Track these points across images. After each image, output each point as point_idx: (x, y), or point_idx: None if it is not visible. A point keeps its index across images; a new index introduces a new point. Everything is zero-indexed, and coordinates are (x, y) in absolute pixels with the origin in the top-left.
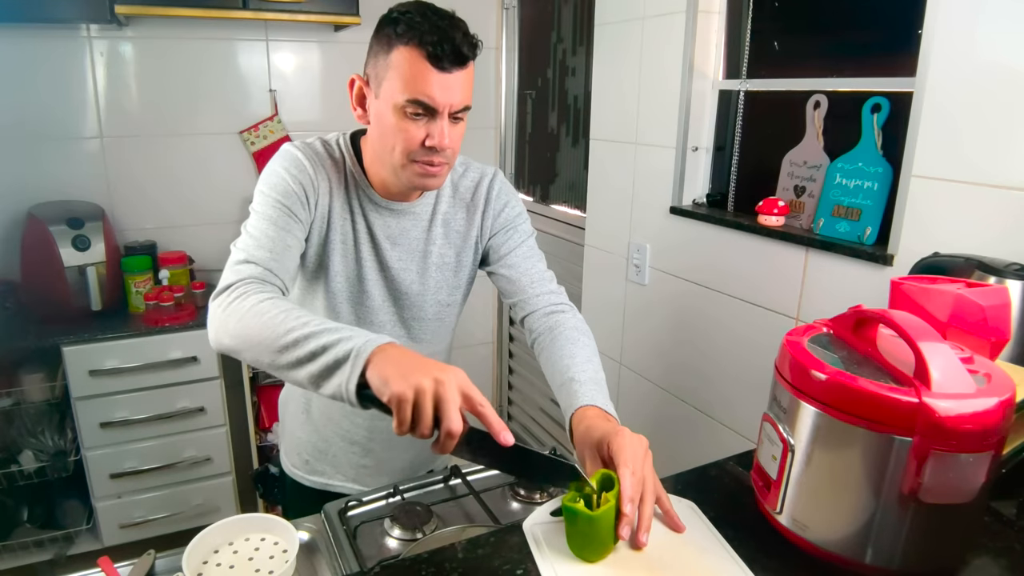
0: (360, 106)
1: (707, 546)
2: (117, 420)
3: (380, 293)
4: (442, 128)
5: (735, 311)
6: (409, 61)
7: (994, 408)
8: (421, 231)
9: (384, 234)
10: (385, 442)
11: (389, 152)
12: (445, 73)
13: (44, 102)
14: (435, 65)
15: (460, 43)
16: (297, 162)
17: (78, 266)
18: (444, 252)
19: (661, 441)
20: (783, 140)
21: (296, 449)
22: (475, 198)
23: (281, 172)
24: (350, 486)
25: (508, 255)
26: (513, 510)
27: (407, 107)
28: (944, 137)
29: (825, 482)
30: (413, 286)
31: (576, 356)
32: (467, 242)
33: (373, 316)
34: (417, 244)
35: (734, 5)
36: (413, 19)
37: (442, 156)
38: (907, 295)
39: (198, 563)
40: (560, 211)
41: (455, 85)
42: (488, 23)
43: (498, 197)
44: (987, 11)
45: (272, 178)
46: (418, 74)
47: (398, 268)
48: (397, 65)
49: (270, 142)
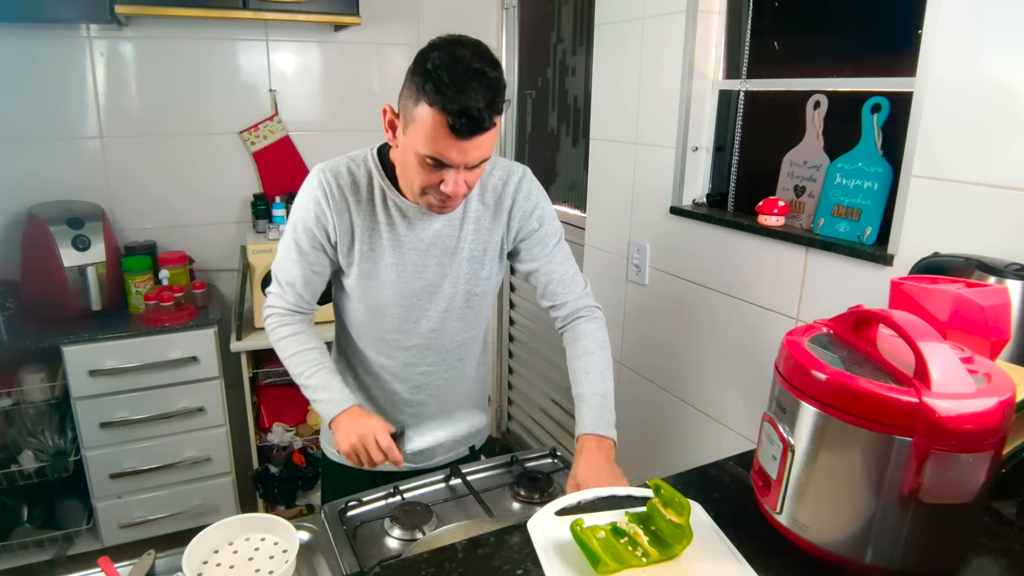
0: (390, 129)
1: (712, 547)
2: (117, 420)
3: (416, 289)
4: (456, 179)
5: (735, 311)
6: (432, 122)
7: (994, 408)
8: (453, 229)
9: (415, 236)
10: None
11: (409, 183)
12: (463, 141)
13: (44, 102)
14: (454, 135)
15: (481, 115)
16: (312, 194)
17: (78, 266)
18: (474, 248)
19: (661, 441)
20: (783, 140)
21: None
22: (502, 197)
23: (302, 203)
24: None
25: (539, 257)
26: (513, 510)
27: (427, 159)
28: (944, 137)
29: (825, 482)
30: (446, 280)
31: (590, 372)
32: (492, 237)
33: (414, 306)
34: (449, 241)
35: (734, 5)
36: (442, 80)
37: (456, 198)
38: (907, 295)
39: (198, 563)
40: (560, 211)
41: (473, 149)
42: (488, 23)
43: (527, 198)
44: (987, 11)
45: (297, 210)
46: (438, 137)
47: (430, 265)
48: (422, 121)
49: (270, 142)
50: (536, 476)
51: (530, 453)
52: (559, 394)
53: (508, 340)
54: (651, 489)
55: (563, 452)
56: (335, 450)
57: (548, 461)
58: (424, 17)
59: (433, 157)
